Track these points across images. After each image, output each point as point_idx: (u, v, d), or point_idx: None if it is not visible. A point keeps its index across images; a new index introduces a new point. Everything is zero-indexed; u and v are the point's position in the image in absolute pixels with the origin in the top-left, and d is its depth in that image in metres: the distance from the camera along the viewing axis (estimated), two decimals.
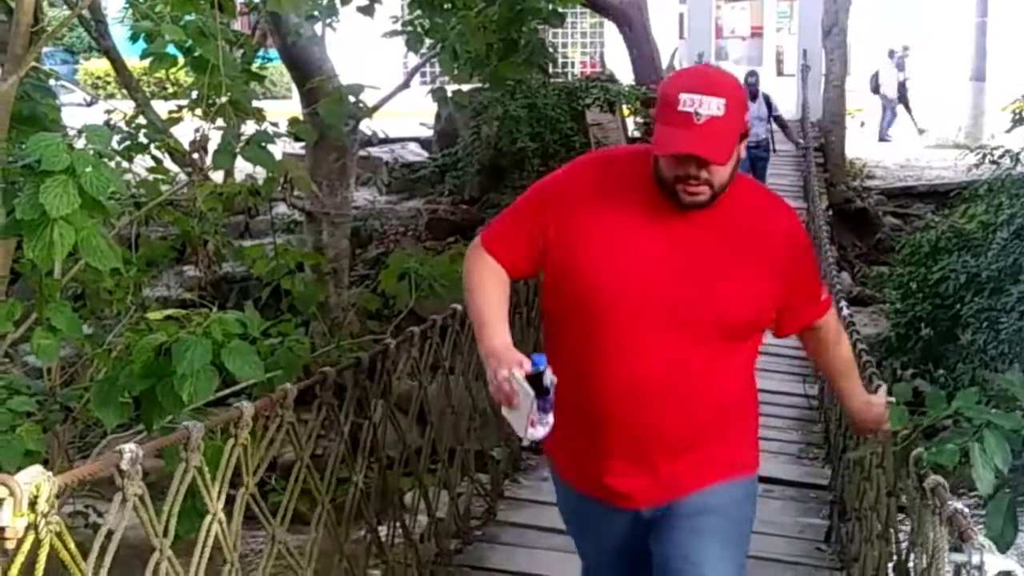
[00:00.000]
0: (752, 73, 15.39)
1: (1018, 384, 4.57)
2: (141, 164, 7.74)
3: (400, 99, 10.95)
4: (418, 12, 9.62)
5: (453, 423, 6.21)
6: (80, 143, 4.34)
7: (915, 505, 3.85)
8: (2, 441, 4.44)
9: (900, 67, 26.23)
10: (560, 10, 9.50)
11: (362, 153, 16.12)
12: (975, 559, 2.97)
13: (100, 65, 28.17)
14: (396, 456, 5.43)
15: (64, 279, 5.40)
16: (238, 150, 6.29)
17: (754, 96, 14.82)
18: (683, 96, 2.86)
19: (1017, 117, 13.01)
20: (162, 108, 8.79)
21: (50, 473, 2.73)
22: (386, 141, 19.20)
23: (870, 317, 14.36)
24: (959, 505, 3.30)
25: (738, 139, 2.94)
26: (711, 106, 2.85)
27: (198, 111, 6.37)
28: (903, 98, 25.99)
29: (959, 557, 3.03)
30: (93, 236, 4.28)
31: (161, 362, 4.45)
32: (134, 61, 9.89)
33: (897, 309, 12.90)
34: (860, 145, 23.15)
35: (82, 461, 5.78)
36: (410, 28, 9.73)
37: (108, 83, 28.15)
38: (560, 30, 24.59)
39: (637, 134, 20.33)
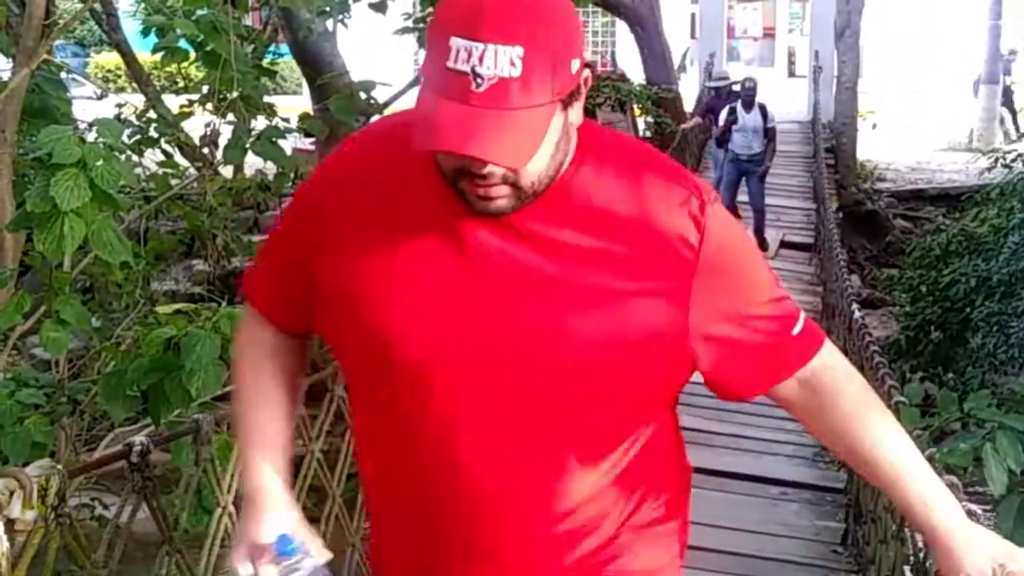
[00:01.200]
0: (749, 79, 14.40)
1: None
2: (151, 158, 7.75)
3: (412, 96, 10.93)
4: (430, 9, 9.60)
5: None
6: (91, 136, 4.33)
7: None
8: (10, 433, 4.44)
9: (1006, 71, 26.10)
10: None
11: None
12: None
13: (111, 59, 28.20)
14: None
15: (74, 272, 5.39)
16: (248, 145, 6.28)
17: (750, 105, 13.90)
18: (455, 43, 1.67)
19: None
20: (173, 102, 8.80)
21: (59, 466, 2.73)
22: None
23: (880, 320, 14.34)
24: (971, 506, 3.27)
25: (556, 110, 1.73)
26: (499, 61, 1.66)
27: (209, 106, 6.36)
28: (1008, 102, 25.83)
29: None
30: (104, 229, 4.27)
31: (169, 356, 4.44)
32: (145, 55, 9.90)
33: (907, 312, 12.87)
34: (872, 147, 23.11)
35: (89, 454, 5.78)
36: (422, 25, 9.70)
37: (119, 77, 28.19)
38: None
39: (648, 134, 20.33)
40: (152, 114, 7.80)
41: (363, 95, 8.39)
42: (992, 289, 11.55)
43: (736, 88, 15.38)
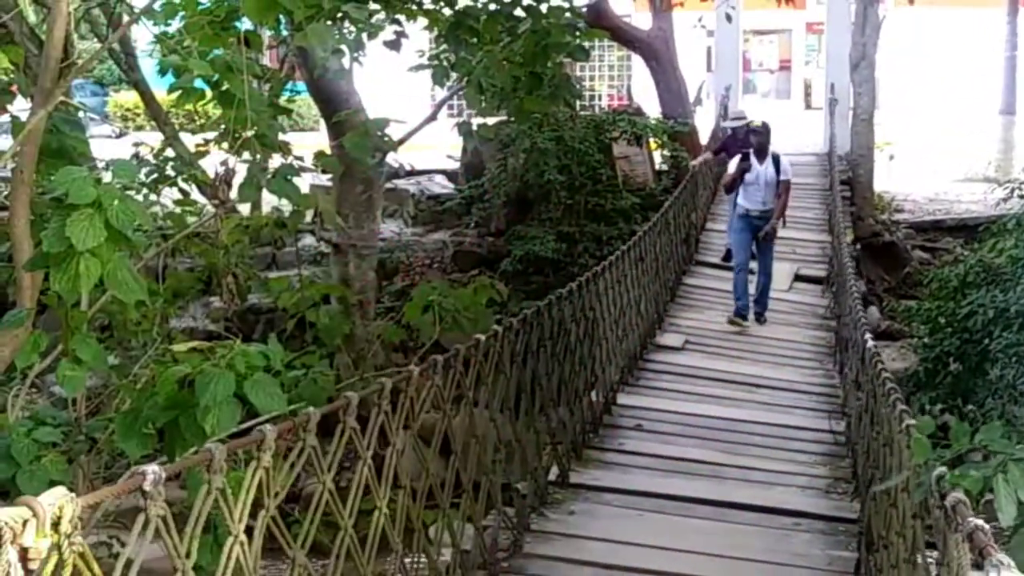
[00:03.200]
0: (761, 125, 12.96)
1: None
2: (169, 196, 7.82)
3: (427, 132, 11.01)
4: (444, 46, 9.69)
5: (477, 455, 6.22)
6: (107, 176, 4.38)
7: (940, 525, 3.84)
8: (27, 471, 4.48)
9: None
10: (586, 44, 9.53)
11: (389, 185, 16.22)
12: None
13: (129, 97, 28.43)
14: (420, 487, 5.43)
15: (91, 311, 5.44)
16: (264, 183, 6.33)
17: (762, 154, 12.53)
18: None
19: None
20: (190, 141, 8.88)
21: (73, 494, 2.75)
22: (413, 173, 19.29)
23: (899, 352, 14.29)
24: (979, 522, 3.28)
25: None
26: None
27: (224, 144, 6.42)
28: None
29: (978, 575, 3.00)
30: (119, 269, 4.32)
31: (185, 394, 4.48)
32: (163, 93, 10.00)
33: (925, 344, 12.83)
34: (889, 178, 23.10)
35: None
36: (436, 62, 9.79)
37: (137, 115, 28.46)
38: (588, 63, 24.68)
39: (664, 167, 20.36)
40: (170, 152, 7.87)
41: (378, 132, 8.45)
42: (1010, 320, 11.51)
43: (755, 127, 15.16)
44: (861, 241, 18.04)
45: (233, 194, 6.84)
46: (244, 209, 8.24)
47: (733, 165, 12.77)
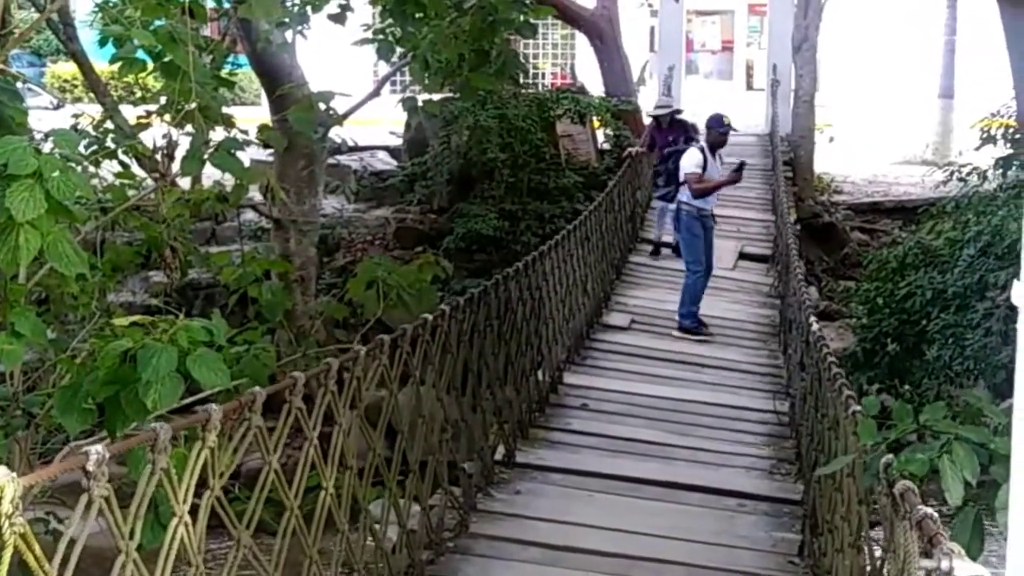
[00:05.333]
0: (716, 120, 11.84)
1: (985, 400, 4.61)
2: (108, 169, 7.67)
3: (370, 107, 10.90)
4: (389, 21, 9.57)
5: (424, 435, 6.18)
6: (47, 147, 4.27)
7: (887, 512, 3.86)
8: None
9: None
10: (532, 21, 9.48)
11: (331, 161, 16.05)
12: (944, 564, 2.96)
13: (68, 68, 27.93)
14: (365, 466, 5.39)
15: (29, 284, 5.32)
16: (206, 156, 6.22)
17: (716, 147, 11.69)
18: None
19: (986, 135, 13.10)
20: (131, 113, 8.71)
21: (15, 474, 2.68)
22: (355, 149, 19.12)
23: (836, 332, 14.41)
24: (928, 510, 3.30)
25: None
26: None
27: (167, 116, 6.30)
28: None
29: (928, 563, 3.01)
30: (59, 241, 4.21)
31: (126, 368, 4.39)
32: (103, 65, 9.81)
33: (863, 324, 12.94)
34: (829, 160, 23.30)
35: (44, 468, 5.70)
36: (381, 36, 9.67)
37: (76, 86, 27.94)
38: (531, 41, 24.63)
39: (607, 146, 20.36)
40: (109, 124, 7.71)
41: (322, 106, 8.35)
42: (948, 302, 11.65)
43: (681, 117, 14.82)
44: (801, 222, 18.16)
45: (175, 167, 6.72)
46: (184, 183, 8.07)
47: (686, 171, 11.42)
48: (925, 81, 26.89)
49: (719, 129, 11.75)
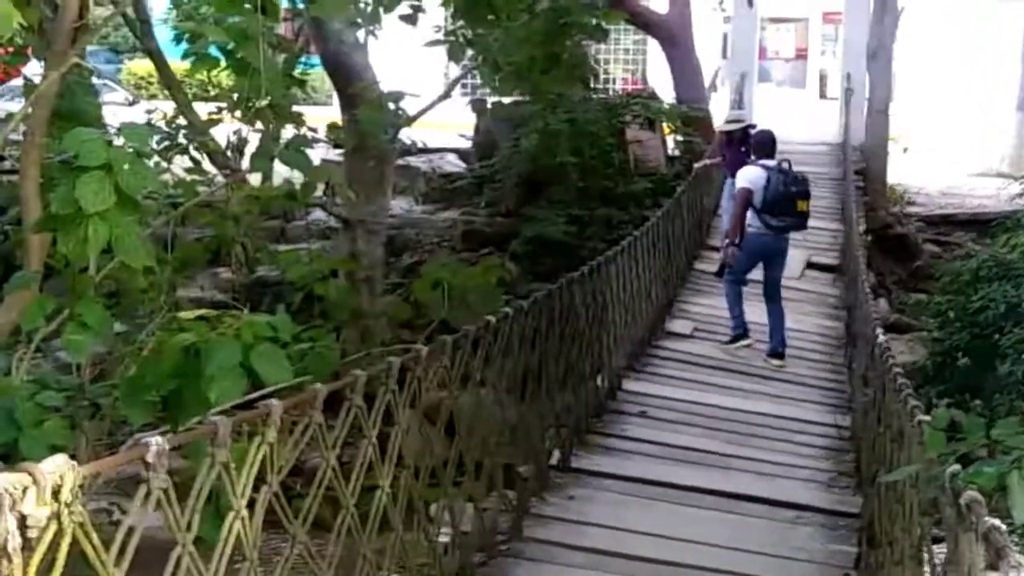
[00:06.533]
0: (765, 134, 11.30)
1: None
2: (179, 165, 7.76)
3: (440, 110, 10.94)
4: (461, 22, 9.61)
5: (482, 437, 6.17)
6: (119, 141, 4.33)
7: (951, 523, 3.78)
8: (29, 435, 4.44)
9: None
10: (604, 25, 9.46)
11: (400, 162, 16.14)
12: None
13: (144, 65, 28.34)
14: (423, 466, 5.38)
15: (98, 276, 5.39)
16: (276, 154, 6.29)
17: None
18: None
19: None
20: (203, 110, 8.82)
21: (74, 462, 2.70)
22: (425, 151, 19.24)
23: (907, 345, 14.20)
24: (995, 522, 3.22)
25: None
26: None
27: (237, 113, 6.37)
28: None
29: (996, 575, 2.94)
30: (127, 234, 4.28)
31: (190, 362, 4.44)
32: (177, 62, 9.94)
33: (935, 338, 12.78)
34: (902, 171, 23.00)
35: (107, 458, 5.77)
36: (452, 38, 9.71)
37: (151, 84, 28.36)
38: (603, 46, 24.55)
39: (677, 152, 20.26)
40: (182, 121, 7.81)
41: (392, 106, 8.40)
42: (1022, 316, 11.46)
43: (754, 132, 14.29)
44: (873, 233, 17.93)
45: (244, 164, 6.79)
46: (254, 180, 8.17)
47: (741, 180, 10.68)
48: (1003, 92, 26.43)
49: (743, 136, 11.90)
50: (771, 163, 10.69)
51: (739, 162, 11.81)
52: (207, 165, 8.00)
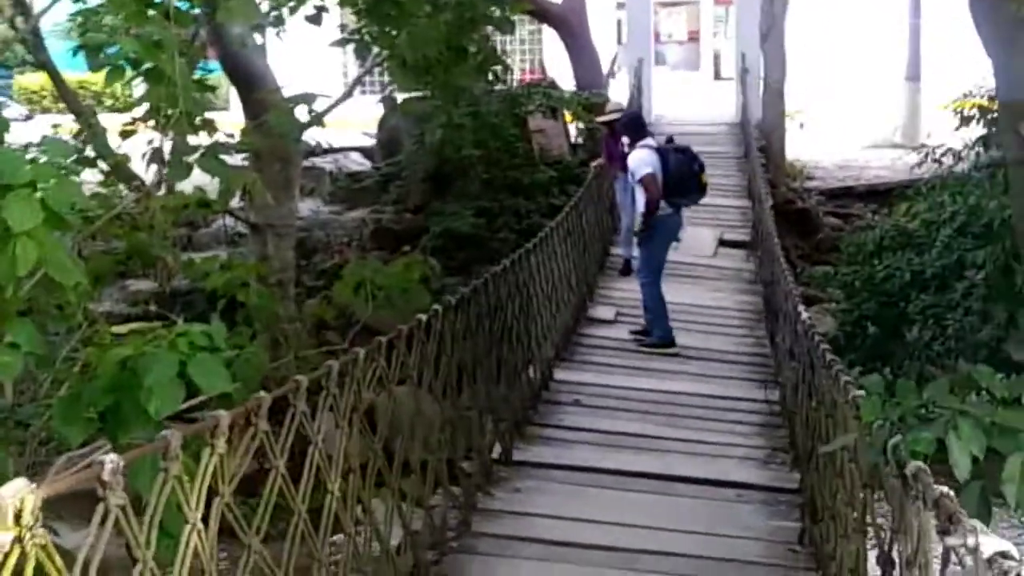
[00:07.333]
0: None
1: (987, 375, 4.63)
2: (88, 178, 7.60)
3: (341, 109, 10.87)
4: (365, 21, 9.53)
5: (424, 435, 6.16)
6: (32, 155, 4.24)
7: (896, 493, 3.86)
8: None
9: None
10: (510, 17, 9.46)
11: (305, 164, 16.00)
12: (970, 541, 2.95)
13: (34, 80, 27.78)
14: (368, 469, 5.36)
15: (22, 293, 5.27)
16: (194, 160, 6.19)
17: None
18: None
19: (963, 115, 13.17)
20: (108, 121, 8.65)
21: (34, 486, 2.66)
22: (329, 151, 19.13)
23: (815, 317, 14.46)
24: (944, 489, 3.30)
25: None
26: None
27: (151, 123, 6.26)
28: None
29: (954, 540, 3.01)
30: (57, 251, 4.18)
31: (127, 376, 4.36)
32: (70, 74, 9.74)
33: (843, 308, 13.02)
34: (800, 146, 23.41)
35: (55, 479, 5.64)
36: (357, 36, 9.64)
37: (43, 97, 27.82)
38: (499, 37, 24.59)
39: (580, 140, 20.38)
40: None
41: (305, 109, 8.32)
42: (926, 283, 11.75)
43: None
44: (775, 208, 18.17)
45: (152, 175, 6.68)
46: (186, 188, 8.03)
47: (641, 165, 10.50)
48: (892, 64, 27.01)
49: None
50: (653, 143, 10.74)
51: (623, 153, 11.52)
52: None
